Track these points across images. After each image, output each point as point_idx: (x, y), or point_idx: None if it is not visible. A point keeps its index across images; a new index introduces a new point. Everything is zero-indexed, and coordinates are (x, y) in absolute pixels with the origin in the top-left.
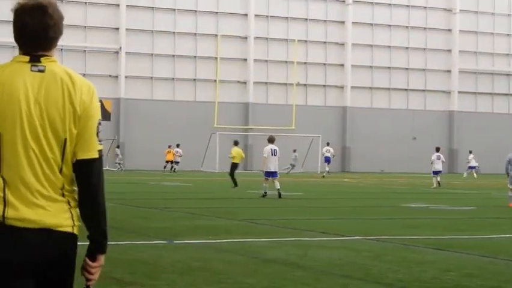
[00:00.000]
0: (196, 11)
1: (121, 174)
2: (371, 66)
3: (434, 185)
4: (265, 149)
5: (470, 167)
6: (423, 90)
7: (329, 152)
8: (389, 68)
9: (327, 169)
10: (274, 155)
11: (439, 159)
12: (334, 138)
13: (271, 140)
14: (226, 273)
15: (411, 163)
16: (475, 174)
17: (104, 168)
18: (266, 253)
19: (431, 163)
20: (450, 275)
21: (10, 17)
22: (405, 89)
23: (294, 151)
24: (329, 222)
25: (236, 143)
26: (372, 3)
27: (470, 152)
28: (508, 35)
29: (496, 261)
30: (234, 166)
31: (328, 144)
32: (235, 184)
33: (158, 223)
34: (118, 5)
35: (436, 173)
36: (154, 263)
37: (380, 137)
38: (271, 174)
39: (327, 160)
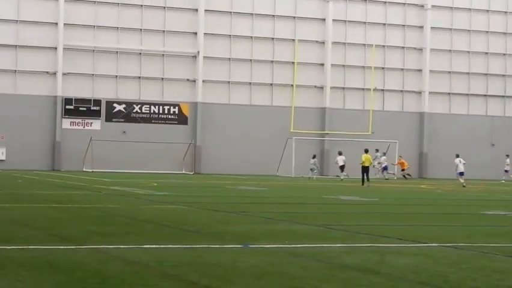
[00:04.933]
0: (274, 15)
1: (195, 178)
2: (449, 72)
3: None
4: None
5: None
6: (503, 96)
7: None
8: (467, 73)
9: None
10: None
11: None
12: (411, 144)
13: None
14: (302, 279)
15: (490, 170)
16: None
17: (181, 172)
18: (342, 259)
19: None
20: None
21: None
22: (484, 95)
23: (314, 157)
24: (405, 229)
25: None
26: (451, 8)
27: (508, 156)
28: None
29: None
30: None
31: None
32: None
33: (235, 227)
34: (197, 10)
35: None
36: (229, 267)
37: (458, 143)
38: None
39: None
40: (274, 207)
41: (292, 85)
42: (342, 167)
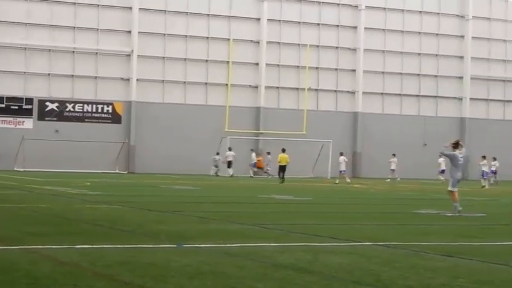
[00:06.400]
0: (208, 14)
1: (129, 177)
2: (383, 72)
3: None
4: None
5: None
6: (435, 97)
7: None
8: (400, 73)
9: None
10: None
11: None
12: (345, 143)
13: None
14: (237, 278)
15: (422, 169)
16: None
17: (115, 171)
18: (276, 258)
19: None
20: (459, 282)
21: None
22: (417, 95)
23: (217, 154)
24: (338, 228)
25: None
26: (385, 8)
27: (394, 155)
28: None
29: (508, 268)
30: None
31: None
32: None
33: (169, 226)
34: (131, 8)
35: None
36: (163, 267)
37: (391, 142)
38: None
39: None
40: (208, 207)
41: (227, 84)
42: (229, 163)
